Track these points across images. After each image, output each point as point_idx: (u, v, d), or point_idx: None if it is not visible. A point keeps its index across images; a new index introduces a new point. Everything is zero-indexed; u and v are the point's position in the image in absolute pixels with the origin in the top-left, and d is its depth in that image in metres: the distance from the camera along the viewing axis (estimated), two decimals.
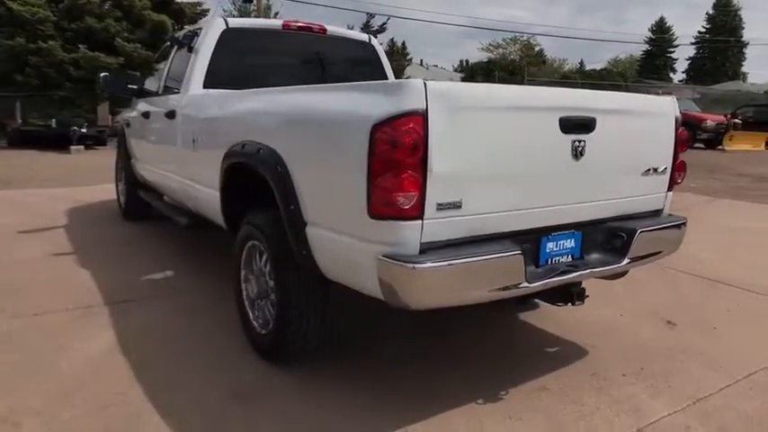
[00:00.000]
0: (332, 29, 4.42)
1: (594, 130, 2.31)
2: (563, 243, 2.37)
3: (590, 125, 2.29)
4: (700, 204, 7.30)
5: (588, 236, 2.46)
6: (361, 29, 25.63)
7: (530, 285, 2.16)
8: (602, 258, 2.49)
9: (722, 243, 5.40)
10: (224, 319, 3.17)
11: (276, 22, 4.19)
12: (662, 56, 54.37)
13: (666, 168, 2.71)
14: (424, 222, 1.91)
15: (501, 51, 51.31)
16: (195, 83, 3.80)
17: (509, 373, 2.67)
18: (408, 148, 1.83)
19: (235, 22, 4.04)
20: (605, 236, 2.52)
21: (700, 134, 18.24)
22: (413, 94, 1.85)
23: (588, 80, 36.53)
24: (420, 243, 1.92)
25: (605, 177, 2.47)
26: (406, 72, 29.75)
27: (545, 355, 2.93)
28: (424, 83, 1.87)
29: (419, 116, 1.84)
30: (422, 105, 1.84)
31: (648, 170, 2.63)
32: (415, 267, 1.86)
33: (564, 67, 53.32)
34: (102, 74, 4.96)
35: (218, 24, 3.92)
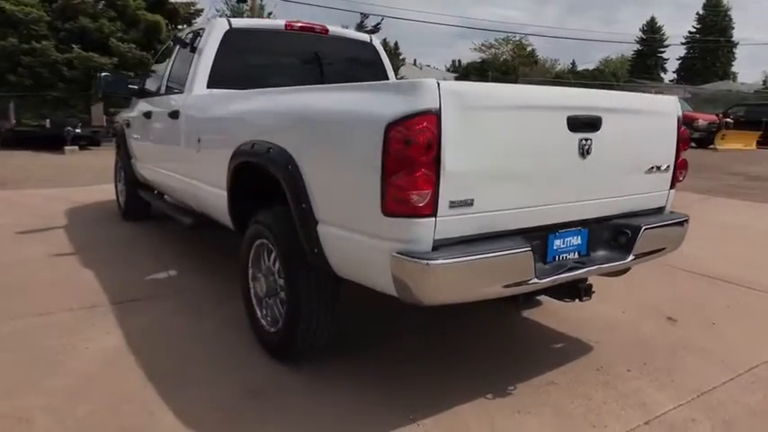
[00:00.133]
0: (333, 29, 4.44)
1: (600, 129, 2.35)
2: (570, 240, 2.41)
3: (596, 124, 2.33)
4: (694, 202, 7.37)
5: (594, 233, 2.50)
6: (355, 29, 25.63)
7: (539, 281, 2.19)
8: (607, 255, 2.53)
9: (719, 241, 5.46)
10: (230, 318, 3.19)
11: (278, 23, 4.19)
12: (653, 56, 54.81)
13: (669, 166, 2.76)
14: (437, 220, 1.94)
15: (493, 52, 51.52)
16: (199, 83, 3.81)
17: (515, 369, 2.71)
18: (422, 147, 1.86)
19: (238, 22, 4.05)
20: (610, 233, 2.56)
21: (692, 133, 18.37)
22: (427, 93, 1.88)
23: (581, 80, 36.71)
24: (433, 240, 1.95)
25: (610, 175, 2.51)
26: (400, 72, 29.83)
27: (550, 351, 2.97)
28: (438, 83, 1.90)
29: (433, 115, 1.87)
30: (435, 105, 1.87)
31: (651, 168, 2.68)
32: (429, 264, 1.89)
33: (556, 68, 53.57)
34: (103, 74, 4.97)
35: (221, 25, 3.93)
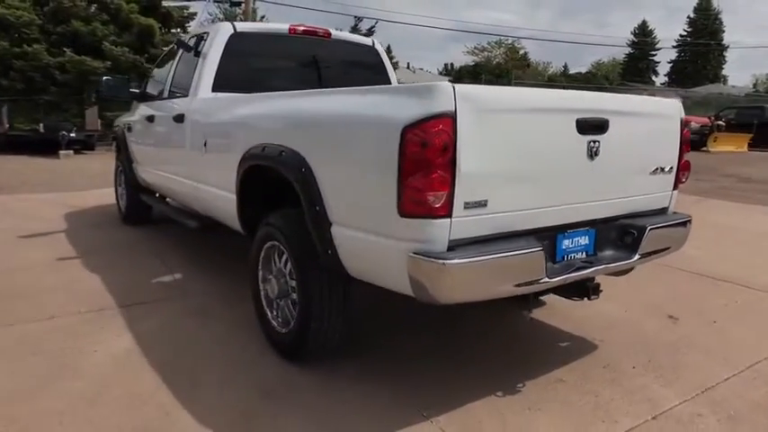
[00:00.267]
0: (336, 33, 4.48)
1: (608, 132, 2.40)
2: (578, 240, 2.46)
3: (604, 126, 2.38)
4: (689, 204, 7.44)
5: (601, 233, 2.55)
6: (350, 33, 25.62)
7: (550, 281, 2.24)
8: (613, 255, 2.58)
9: (716, 242, 5.55)
10: (239, 320, 3.21)
11: (282, 27, 4.22)
12: (644, 59, 55.33)
13: (672, 168, 2.82)
14: (452, 220, 1.98)
15: (486, 55, 51.81)
16: (204, 86, 3.84)
17: (523, 367, 2.76)
18: (438, 149, 1.90)
19: (242, 26, 4.07)
20: (617, 233, 2.62)
21: None
22: (442, 96, 1.92)
23: (574, 83, 36.98)
24: (449, 240, 1.99)
25: (617, 176, 2.56)
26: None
27: (556, 349, 3.02)
28: (453, 86, 1.94)
29: (448, 118, 1.91)
30: (451, 108, 1.91)
31: (656, 169, 2.73)
32: (446, 263, 1.93)
33: (548, 71, 53.97)
34: (105, 77, 4.98)
35: (226, 29, 3.96)
